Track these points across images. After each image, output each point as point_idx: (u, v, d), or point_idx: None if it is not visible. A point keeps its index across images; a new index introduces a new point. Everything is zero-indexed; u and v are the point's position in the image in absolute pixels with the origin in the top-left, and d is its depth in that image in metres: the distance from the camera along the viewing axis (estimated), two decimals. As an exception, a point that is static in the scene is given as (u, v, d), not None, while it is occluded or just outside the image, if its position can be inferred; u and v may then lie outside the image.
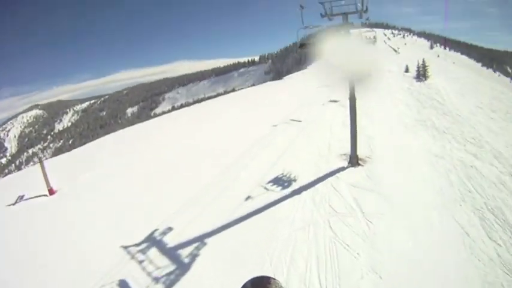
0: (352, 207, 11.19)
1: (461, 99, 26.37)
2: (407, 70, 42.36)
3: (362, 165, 14.36)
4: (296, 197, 12.26)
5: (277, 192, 12.77)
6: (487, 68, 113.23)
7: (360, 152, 14.98)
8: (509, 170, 14.54)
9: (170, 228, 11.32)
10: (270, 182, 13.74)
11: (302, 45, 12.99)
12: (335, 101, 27.29)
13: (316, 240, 9.68)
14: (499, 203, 11.63)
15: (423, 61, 37.29)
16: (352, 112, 14.09)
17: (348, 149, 14.85)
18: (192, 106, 49.85)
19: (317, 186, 12.89)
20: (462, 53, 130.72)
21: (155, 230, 11.37)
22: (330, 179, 13.36)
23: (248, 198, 12.56)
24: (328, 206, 11.41)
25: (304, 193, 12.42)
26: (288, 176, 14.08)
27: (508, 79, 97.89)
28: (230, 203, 12.29)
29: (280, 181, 13.70)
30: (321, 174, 13.81)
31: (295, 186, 13.11)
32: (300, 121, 22.46)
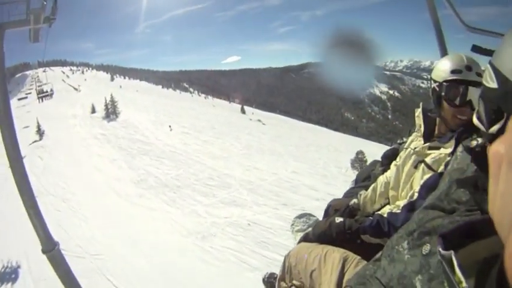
0: None
1: (163, 130, 23.85)
2: (94, 110, 36.74)
3: None
4: None
5: None
6: (167, 89, 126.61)
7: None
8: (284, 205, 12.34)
9: None
10: None
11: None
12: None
13: None
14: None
15: (111, 97, 33.02)
16: None
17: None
18: None
19: None
20: (141, 79, 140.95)
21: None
22: None
23: None
24: None
25: None
26: None
27: (188, 94, 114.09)
28: None
29: None
30: None
31: None
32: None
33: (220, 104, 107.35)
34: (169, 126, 26.07)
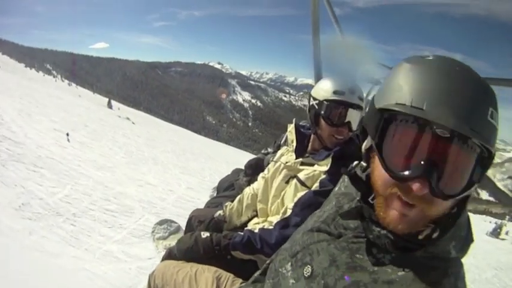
0: None
1: (34, 125, 19.19)
2: (-51, 87, 27.86)
3: None
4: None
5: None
6: (31, 69, 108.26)
7: None
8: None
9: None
10: None
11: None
12: None
13: None
14: None
15: (-26, 74, 26.03)
16: None
17: None
18: None
19: None
20: (4, 53, 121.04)
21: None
22: None
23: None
24: None
25: None
26: None
27: (51, 77, 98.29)
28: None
29: None
30: None
31: None
32: None
33: (85, 94, 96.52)
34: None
